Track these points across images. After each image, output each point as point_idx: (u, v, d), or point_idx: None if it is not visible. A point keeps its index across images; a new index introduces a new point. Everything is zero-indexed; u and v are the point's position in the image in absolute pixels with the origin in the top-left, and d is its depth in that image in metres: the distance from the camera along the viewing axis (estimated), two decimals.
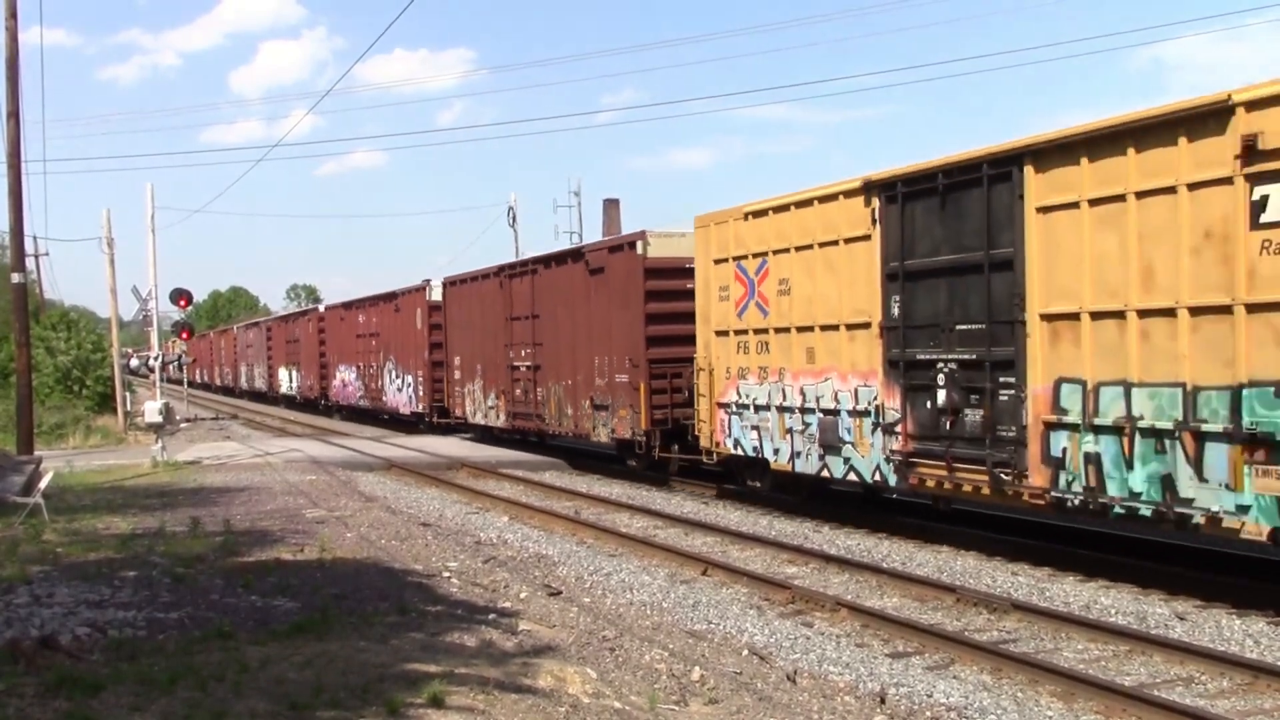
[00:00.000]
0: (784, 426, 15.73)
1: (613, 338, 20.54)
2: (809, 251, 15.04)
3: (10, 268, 25.80)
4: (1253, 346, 9.60)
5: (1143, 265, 10.52)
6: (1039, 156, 11.56)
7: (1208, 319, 9.96)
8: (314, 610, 9.48)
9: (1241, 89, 9.76)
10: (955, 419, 12.80)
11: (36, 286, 49.95)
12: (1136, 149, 10.55)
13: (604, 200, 78.56)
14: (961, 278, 12.63)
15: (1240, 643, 9.37)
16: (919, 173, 13.17)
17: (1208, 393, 9.93)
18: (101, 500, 18.43)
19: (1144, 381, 10.51)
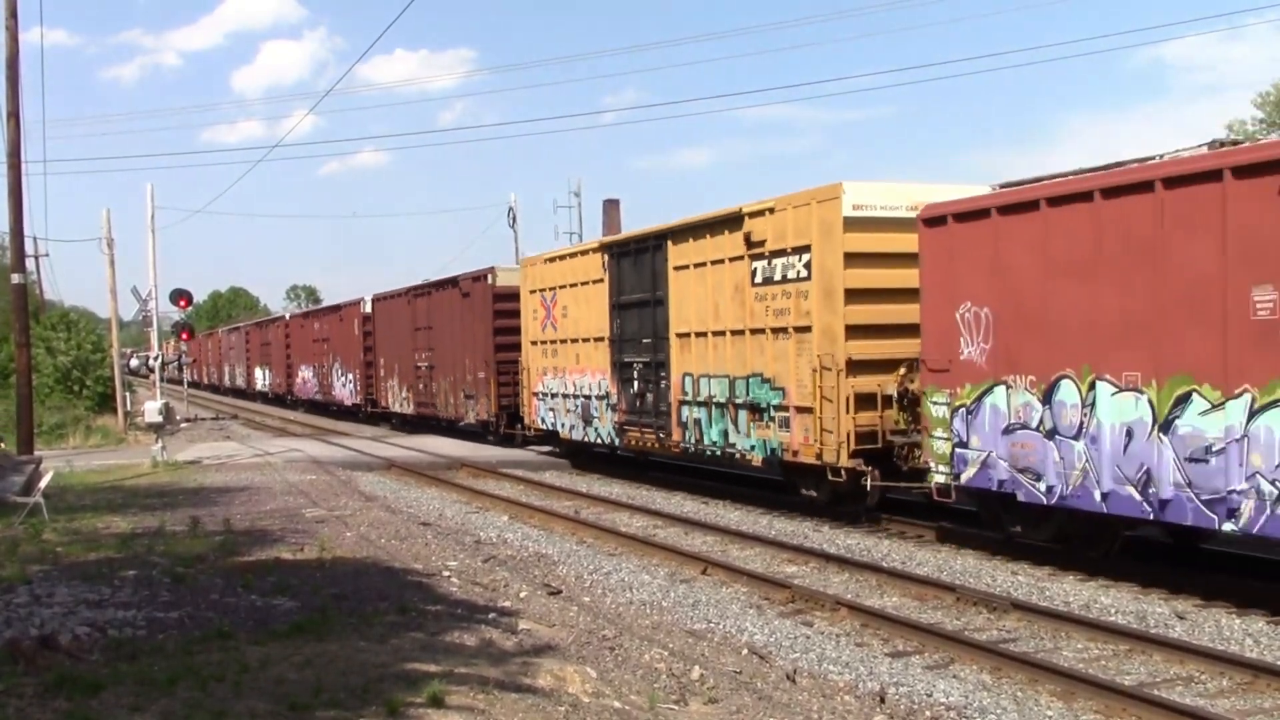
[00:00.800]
0: (566, 408, 22.63)
1: (475, 345, 26.94)
2: (575, 288, 21.82)
3: (10, 268, 25.79)
4: (752, 353, 16.44)
5: (713, 305, 17.30)
6: (674, 236, 18.36)
7: (735, 338, 16.82)
8: (314, 610, 9.48)
9: (747, 205, 16.42)
10: (642, 400, 19.54)
11: (36, 287, 49.94)
12: (710, 235, 17.39)
13: (604, 200, 78.24)
14: (645, 309, 19.29)
15: (1240, 642, 9.37)
16: (626, 240, 20.52)
17: (738, 380, 16.78)
18: (101, 500, 18.43)
19: (715, 374, 17.35)
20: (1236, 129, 36.52)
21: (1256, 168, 9.55)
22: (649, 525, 16.01)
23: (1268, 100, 39.80)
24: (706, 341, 17.49)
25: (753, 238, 16.19)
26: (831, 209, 14.73)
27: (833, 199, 14.68)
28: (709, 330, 17.37)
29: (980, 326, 12.50)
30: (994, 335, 12.31)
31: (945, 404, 12.98)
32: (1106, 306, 10.91)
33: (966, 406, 12.66)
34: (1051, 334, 11.51)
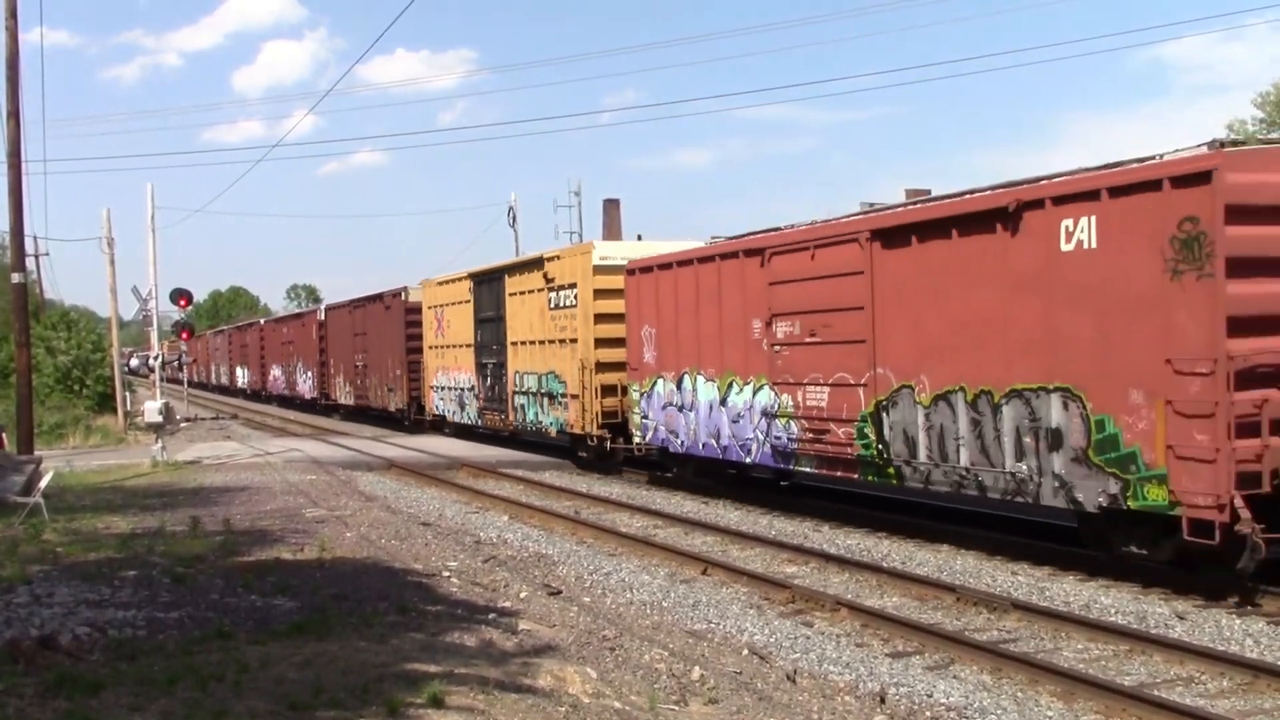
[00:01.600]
0: (450, 398, 29.42)
1: (394, 349, 33.38)
2: (454, 306, 28.63)
3: (10, 268, 25.78)
4: (550, 357, 22.59)
5: (530, 322, 23.78)
6: (509, 271, 25.23)
7: (541, 346, 23.28)
8: (314, 610, 9.48)
9: (546, 252, 23.41)
10: (493, 392, 26.23)
11: (36, 286, 49.93)
12: (528, 272, 23.94)
13: (604, 200, 78.06)
14: (494, 323, 26.04)
15: (1240, 643, 9.37)
16: (482, 272, 26.96)
17: (543, 376, 23.05)
18: (101, 500, 18.43)
19: (532, 372, 23.79)
20: (1237, 129, 36.53)
21: (751, 252, 16.26)
22: (649, 525, 16.02)
23: (1268, 100, 39.81)
24: (528, 348, 24.24)
25: (548, 276, 23.00)
26: (587, 259, 21.51)
27: (587, 253, 21.65)
28: (529, 340, 24.14)
29: (651, 341, 19.15)
30: (657, 346, 18.99)
31: (638, 391, 19.76)
32: (701, 331, 17.56)
33: (644, 392, 19.51)
34: (680, 346, 18.21)
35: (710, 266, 17.11)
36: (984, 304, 12.18)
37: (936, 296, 12.84)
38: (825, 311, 14.66)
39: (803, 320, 15.21)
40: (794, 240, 15.37)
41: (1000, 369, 12.01)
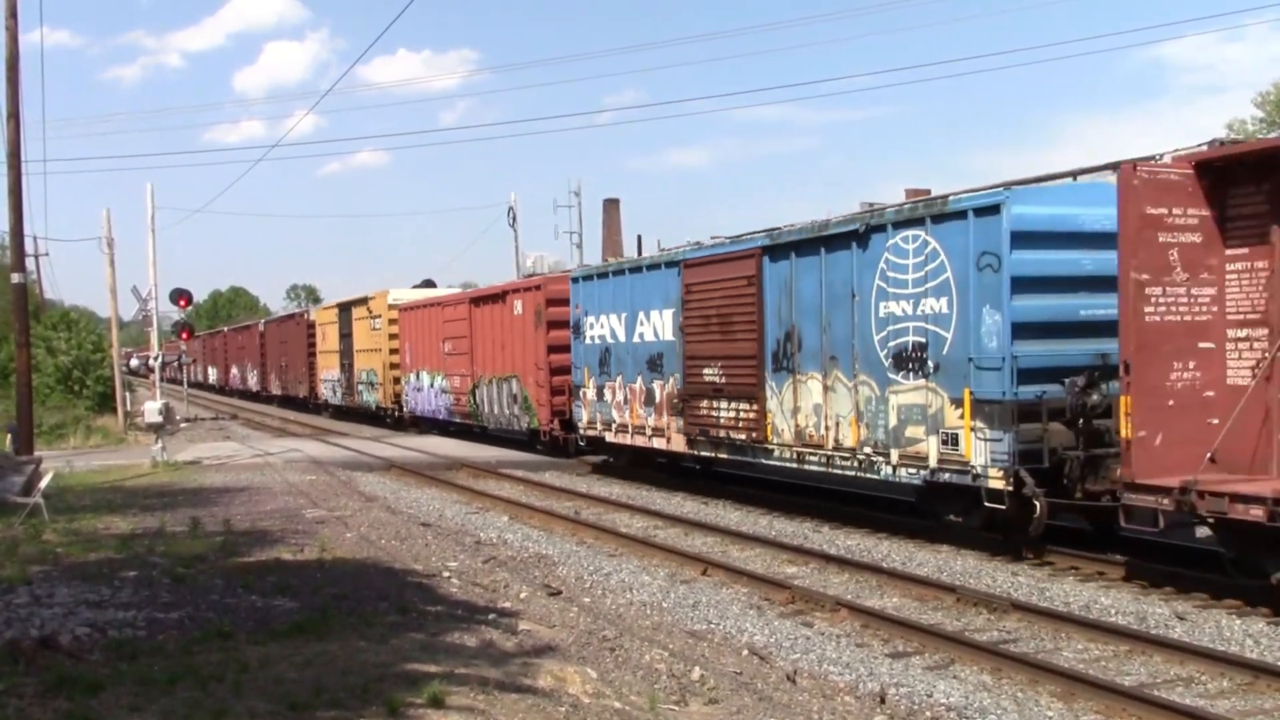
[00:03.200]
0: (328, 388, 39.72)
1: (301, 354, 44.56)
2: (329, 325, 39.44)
3: (10, 268, 25.78)
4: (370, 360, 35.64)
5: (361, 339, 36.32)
6: (354, 305, 36.21)
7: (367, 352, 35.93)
8: (314, 610, 9.47)
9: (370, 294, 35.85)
10: (347, 382, 36.79)
11: (36, 286, 49.93)
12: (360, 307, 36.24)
13: (604, 200, 78.01)
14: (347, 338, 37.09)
15: (1240, 643, 9.37)
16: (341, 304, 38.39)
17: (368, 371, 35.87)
18: (101, 500, 18.43)
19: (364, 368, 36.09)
20: (1237, 128, 36.54)
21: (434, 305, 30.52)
22: (649, 526, 16.02)
23: (1268, 100, 39.82)
24: (362, 354, 36.15)
25: (370, 310, 35.19)
26: (384, 300, 34.40)
27: (385, 296, 34.43)
28: (362, 349, 36.10)
29: (409, 351, 32.00)
30: (411, 354, 31.66)
31: (404, 380, 32.32)
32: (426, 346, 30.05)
33: (407, 380, 32.13)
34: (417, 354, 30.83)
35: (429, 310, 30.92)
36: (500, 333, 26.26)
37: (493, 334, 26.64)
38: (454, 339, 28.81)
39: (452, 342, 28.89)
40: (451, 300, 30.04)
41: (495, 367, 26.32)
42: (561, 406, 23.13)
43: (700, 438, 17.76)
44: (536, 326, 23.93)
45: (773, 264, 15.86)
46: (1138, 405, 10.42)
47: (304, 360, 43.47)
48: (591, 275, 21.46)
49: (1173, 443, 10.47)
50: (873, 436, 14.00)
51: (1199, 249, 10.73)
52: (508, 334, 25.42)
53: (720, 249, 17.34)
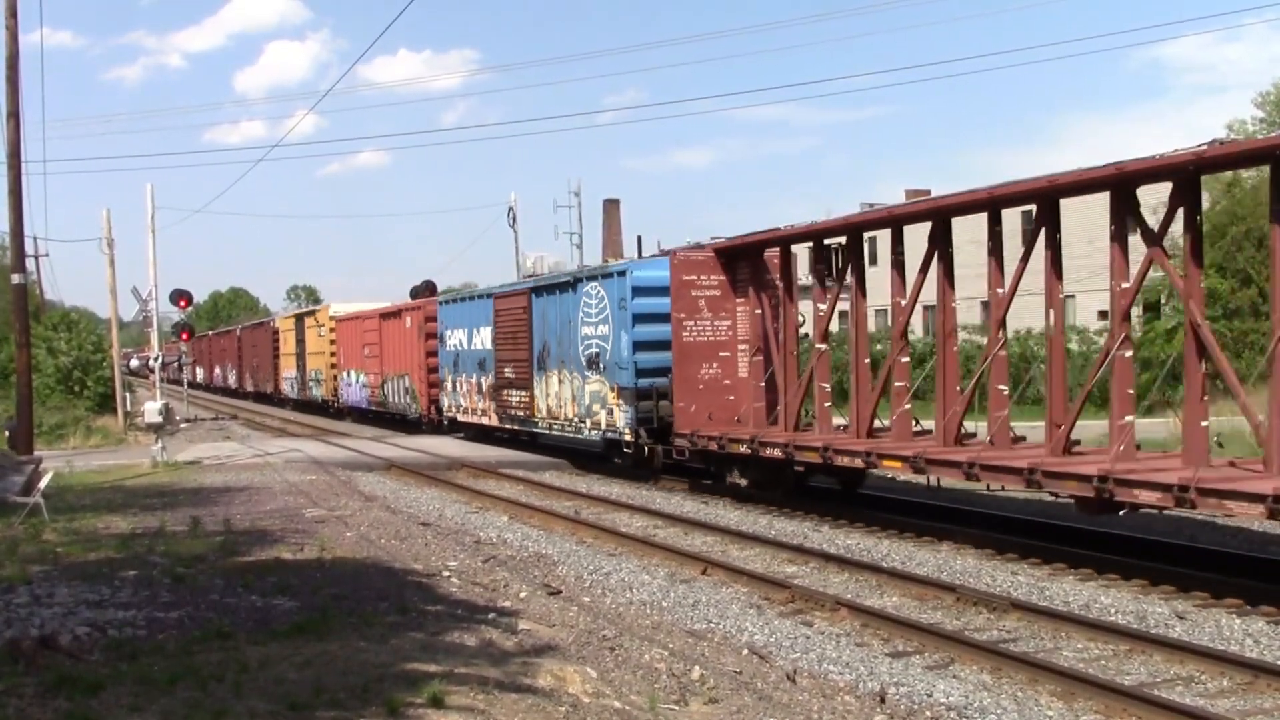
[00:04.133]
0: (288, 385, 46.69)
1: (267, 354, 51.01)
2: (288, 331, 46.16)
3: (10, 268, 25.79)
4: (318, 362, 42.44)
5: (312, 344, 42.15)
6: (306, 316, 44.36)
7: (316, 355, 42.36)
8: (314, 610, 9.48)
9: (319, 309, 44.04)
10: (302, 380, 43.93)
11: (37, 287, 49.93)
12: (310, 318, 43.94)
13: (604, 201, 77.99)
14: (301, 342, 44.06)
15: (1240, 642, 9.37)
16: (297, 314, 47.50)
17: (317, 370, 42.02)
18: (101, 500, 18.44)
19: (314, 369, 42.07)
20: (1237, 129, 36.51)
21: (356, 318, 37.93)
22: (649, 525, 16.02)
23: (1268, 100, 39.81)
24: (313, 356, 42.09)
25: (317, 320, 41.10)
26: (327, 313, 40.41)
27: (328, 309, 40.69)
28: (312, 352, 42.04)
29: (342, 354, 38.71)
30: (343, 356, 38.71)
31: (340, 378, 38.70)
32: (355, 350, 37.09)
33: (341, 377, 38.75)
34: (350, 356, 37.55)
35: (355, 322, 37.47)
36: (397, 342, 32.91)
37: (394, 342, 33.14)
38: (370, 345, 35.13)
39: (369, 348, 35.35)
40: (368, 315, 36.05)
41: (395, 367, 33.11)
42: (435, 396, 30.53)
43: (504, 415, 25.69)
44: (419, 338, 31.19)
45: (536, 299, 23.66)
46: (678, 389, 18.49)
47: (270, 361, 50.55)
48: (450, 300, 30.18)
49: (701, 410, 18.45)
50: (579, 411, 21.69)
51: (719, 299, 18.68)
52: (402, 343, 32.73)
53: (511, 287, 25.92)
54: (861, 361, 15.96)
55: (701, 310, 18.53)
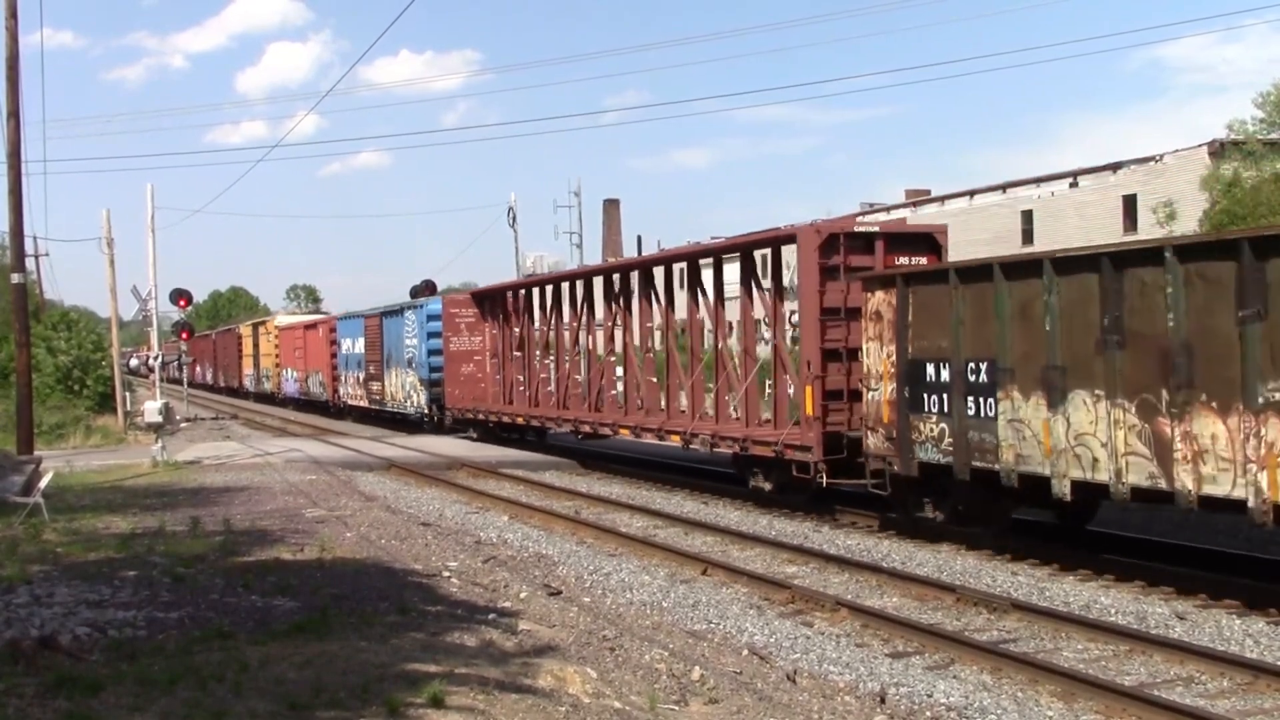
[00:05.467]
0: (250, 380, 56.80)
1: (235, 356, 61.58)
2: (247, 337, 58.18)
3: (10, 268, 25.78)
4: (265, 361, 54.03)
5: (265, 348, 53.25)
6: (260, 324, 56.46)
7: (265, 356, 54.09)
8: (314, 610, 9.47)
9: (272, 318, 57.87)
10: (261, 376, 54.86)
11: (36, 286, 49.91)
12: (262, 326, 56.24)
13: (604, 201, 77.67)
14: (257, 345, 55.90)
15: (1240, 643, 9.38)
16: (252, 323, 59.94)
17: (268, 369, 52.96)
18: (101, 500, 18.43)
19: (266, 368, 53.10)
20: (1237, 129, 36.52)
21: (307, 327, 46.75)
22: (649, 525, 16.01)
23: (1268, 100, 39.79)
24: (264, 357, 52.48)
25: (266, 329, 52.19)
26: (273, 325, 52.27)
27: (271, 320, 54.83)
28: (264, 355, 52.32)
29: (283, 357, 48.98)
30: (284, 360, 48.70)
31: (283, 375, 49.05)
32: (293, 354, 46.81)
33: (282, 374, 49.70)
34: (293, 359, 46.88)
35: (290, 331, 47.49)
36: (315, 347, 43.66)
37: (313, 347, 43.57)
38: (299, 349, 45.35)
39: (298, 351, 45.42)
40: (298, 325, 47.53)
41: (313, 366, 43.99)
42: (336, 387, 40.50)
43: (370, 399, 35.79)
44: (327, 345, 41.08)
45: (385, 320, 34.28)
46: (448, 381, 29.03)
47: (236, 361, 61.24)
48: (343, 318, 41.20)
49: (466, 395, 28.78)
50: (405, 395, 32.16)
51: (473, 324, 29.29)
52: (318, 348, 42.71)
53: (372, 311, 36.51)
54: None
55: (462, 331, 29.42)
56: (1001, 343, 12.31)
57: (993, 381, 12.44)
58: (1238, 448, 9.83)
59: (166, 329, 51.26)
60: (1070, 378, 11.50)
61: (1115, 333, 10.99)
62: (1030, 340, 11.99)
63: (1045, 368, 11.80)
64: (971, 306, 12.75)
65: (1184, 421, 10.30)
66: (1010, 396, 12.20)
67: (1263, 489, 9.54)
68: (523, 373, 26.91)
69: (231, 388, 63.13)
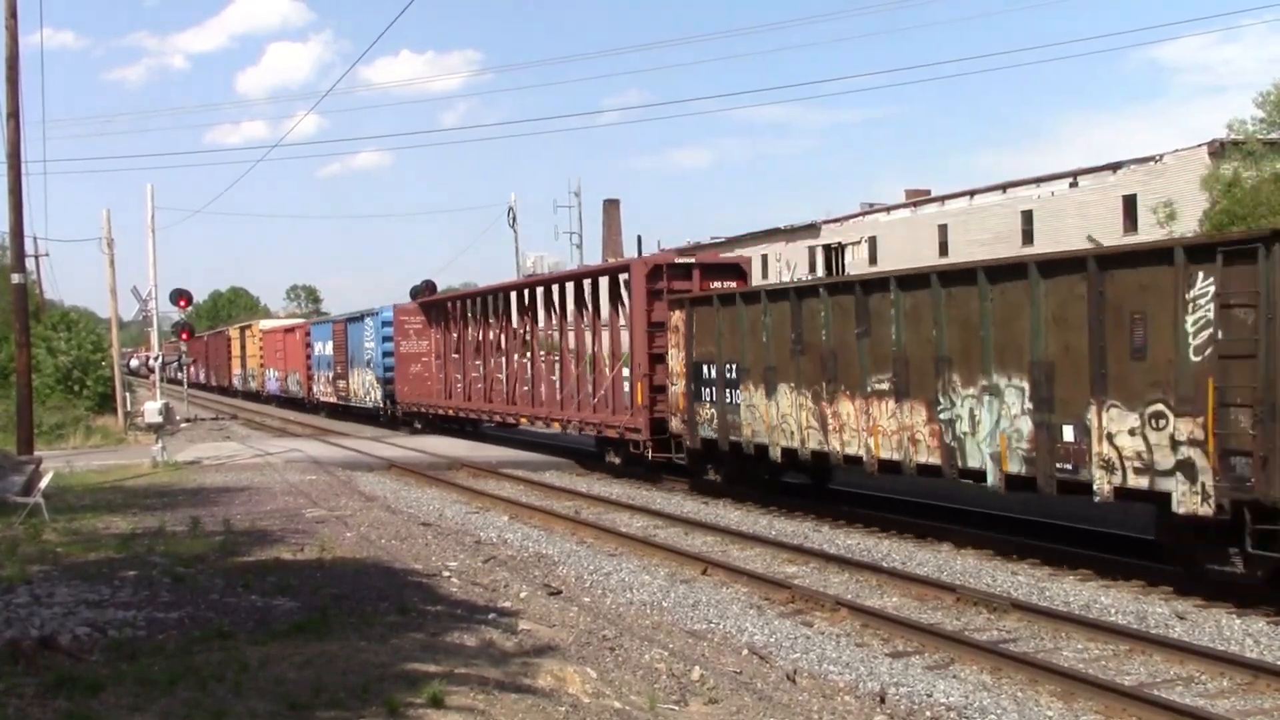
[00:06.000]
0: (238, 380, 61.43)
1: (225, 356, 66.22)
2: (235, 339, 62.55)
3: (10, 268, 25.77)
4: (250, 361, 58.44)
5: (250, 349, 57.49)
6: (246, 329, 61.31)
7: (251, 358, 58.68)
8: (314, 610, 9.47)
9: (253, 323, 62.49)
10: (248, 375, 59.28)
11: (36, 287, 49.89)
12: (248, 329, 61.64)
13: (604, 201, 77.62)
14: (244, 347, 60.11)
15: (1240, 643, 9.38)
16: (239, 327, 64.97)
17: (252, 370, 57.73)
18: (101, 500, 18.42)
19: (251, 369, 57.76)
20: (1237, 128, 36.52)
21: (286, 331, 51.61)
22: (649, 525, 16.01)
23: (1268, 100, 39.79)
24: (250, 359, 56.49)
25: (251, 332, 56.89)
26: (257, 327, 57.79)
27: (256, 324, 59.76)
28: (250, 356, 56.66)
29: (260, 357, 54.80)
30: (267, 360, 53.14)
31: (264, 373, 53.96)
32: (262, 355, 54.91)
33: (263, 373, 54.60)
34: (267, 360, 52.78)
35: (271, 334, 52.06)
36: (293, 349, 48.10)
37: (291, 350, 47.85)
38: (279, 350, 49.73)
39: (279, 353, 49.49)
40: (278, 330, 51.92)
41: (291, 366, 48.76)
42: (310, 385, 44.29)
43: (338, 395, 39.57)
44: (303, 347, 45.16)
45: (349, 326, 37.98)
46: (399, 379, 33.22)
47: (225, 362, 65.68)
48: (316, 324, 45.86)
49: (414, 392, 32.89)
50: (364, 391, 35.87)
51: (421, 330, 33.34)
52: (295, 350, 46.81)
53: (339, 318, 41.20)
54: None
55: (411, 336, 33.29)
56: (742, 350, 16.85)
57: (738, 378, 16.99)
58: (859, 421, 14.41)
59: (166, 329, 51.21)
60: (778, 375, 16.04)
61: (799, 343, 15.57)
62: (757, 348, 16.53)
63: (765, 368, 16.31)
64: (726, 323, 17.28)
65: (833, 404, 14.92)
66: (748, 389, 16.78)
67: (871, 448, 14.25)
68: (459, 372, 30.78)
69: (222, 386, 67.39)
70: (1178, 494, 10.31)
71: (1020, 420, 12.03)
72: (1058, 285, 11.70)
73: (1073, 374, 11.45)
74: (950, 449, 12.93)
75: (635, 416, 20.29)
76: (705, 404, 17.86)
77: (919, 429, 13.42)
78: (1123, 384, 10.92)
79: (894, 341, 13.80)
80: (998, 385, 12.33)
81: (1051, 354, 11.70)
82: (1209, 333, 10.08)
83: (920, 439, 13.41)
